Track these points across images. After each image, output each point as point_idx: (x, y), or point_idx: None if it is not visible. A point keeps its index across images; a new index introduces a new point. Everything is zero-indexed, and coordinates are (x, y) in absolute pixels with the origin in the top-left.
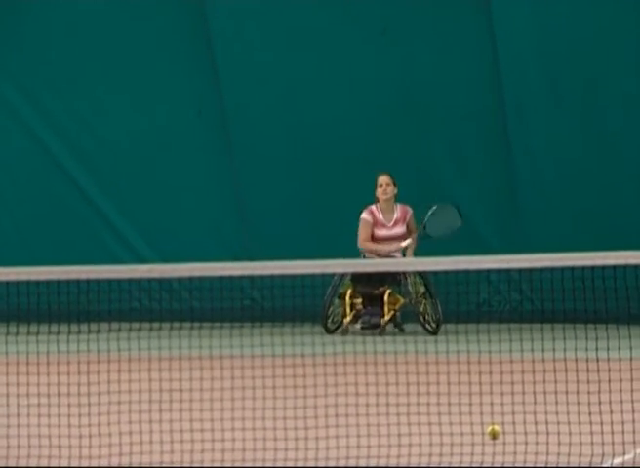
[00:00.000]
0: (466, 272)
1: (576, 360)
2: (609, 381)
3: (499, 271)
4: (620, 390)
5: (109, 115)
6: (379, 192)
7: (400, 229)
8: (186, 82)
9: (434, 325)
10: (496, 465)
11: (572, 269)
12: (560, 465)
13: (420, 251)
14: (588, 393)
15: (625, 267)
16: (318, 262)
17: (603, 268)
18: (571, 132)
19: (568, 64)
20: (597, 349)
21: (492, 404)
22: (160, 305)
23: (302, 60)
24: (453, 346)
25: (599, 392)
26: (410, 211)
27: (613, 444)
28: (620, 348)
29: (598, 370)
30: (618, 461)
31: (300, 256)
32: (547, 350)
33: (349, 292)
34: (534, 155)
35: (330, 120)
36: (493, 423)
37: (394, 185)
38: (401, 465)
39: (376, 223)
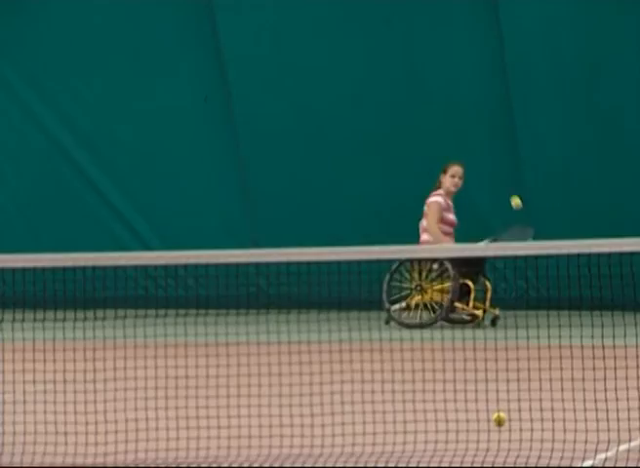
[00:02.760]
0: None
1: (581, 347)
2: (614, 368)
3: (504, 258)
4: (626, 377)
5: (115, 101)
6: (449, 181)
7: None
8: (192, 68)
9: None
10: (501, 452)
11: (577, 256)
12: (566, 452)
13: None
14: (594, 380)
15: (631, 254)
16: (323, 249)
17: (609, 255)
18: (577, 121)
19: (573, 52)
20: (603, 336)
21: (497, 390)
22: (166, 292)
23: (308, 48)
24: (458, 333)
25: (605, 379)
26: None
27: (618, 431)
28: (625, 335)
29: (604, 357)
30: (623, 448)
31: (306, 243)
32: (553, 337)
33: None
34: (540, 144)
35: (336, 107)
36: (498, 410)
37: None
38: (407, 451)
39: (445, 207)
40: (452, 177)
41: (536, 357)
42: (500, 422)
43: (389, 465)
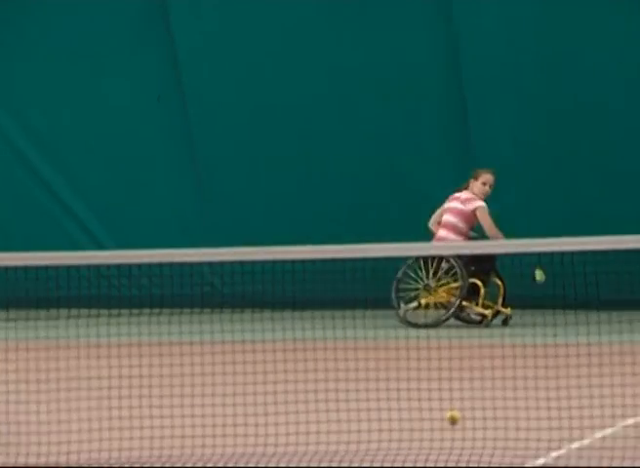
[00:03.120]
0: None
1: (534, 346)
2: (567, 367)
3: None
4: (578, 376)
5: (68, 100)
6: (479, 188)
7: None
8: (145, 67)
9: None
10: (455, 450)
11: (538, 255)
12: (518, 450)
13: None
14: (546, 378)
15: (595, 253)
16: (277, 248)
17: (572, 254)
18: (532, 120)
19: (528, 50)
20: (556, 335)
21: (451, 389)
22: (119, 292)
23: (262, 45)
24: (413, 332)
25: (557, 377)
26: None
27: (570, 429)
28: (588, 334)
29: (556, 356)
30: (575, 446)
31: (261, 243)
32: (511, 336)
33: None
34: (494, 144)
35: (289, 103)
36: (452, 409)
37: None
38: (360, 451)
39: None
40: (483, 185)
41: (488, 356)
42: (453, 421)
43: (342, 465)
